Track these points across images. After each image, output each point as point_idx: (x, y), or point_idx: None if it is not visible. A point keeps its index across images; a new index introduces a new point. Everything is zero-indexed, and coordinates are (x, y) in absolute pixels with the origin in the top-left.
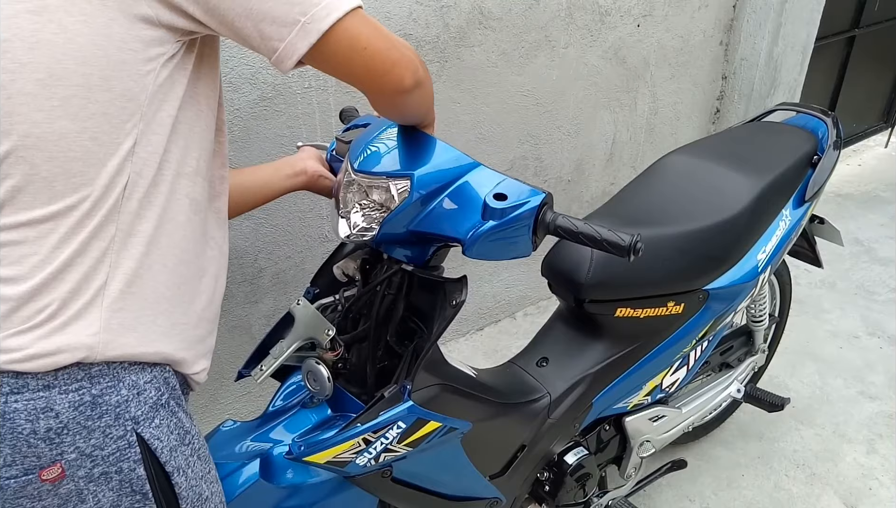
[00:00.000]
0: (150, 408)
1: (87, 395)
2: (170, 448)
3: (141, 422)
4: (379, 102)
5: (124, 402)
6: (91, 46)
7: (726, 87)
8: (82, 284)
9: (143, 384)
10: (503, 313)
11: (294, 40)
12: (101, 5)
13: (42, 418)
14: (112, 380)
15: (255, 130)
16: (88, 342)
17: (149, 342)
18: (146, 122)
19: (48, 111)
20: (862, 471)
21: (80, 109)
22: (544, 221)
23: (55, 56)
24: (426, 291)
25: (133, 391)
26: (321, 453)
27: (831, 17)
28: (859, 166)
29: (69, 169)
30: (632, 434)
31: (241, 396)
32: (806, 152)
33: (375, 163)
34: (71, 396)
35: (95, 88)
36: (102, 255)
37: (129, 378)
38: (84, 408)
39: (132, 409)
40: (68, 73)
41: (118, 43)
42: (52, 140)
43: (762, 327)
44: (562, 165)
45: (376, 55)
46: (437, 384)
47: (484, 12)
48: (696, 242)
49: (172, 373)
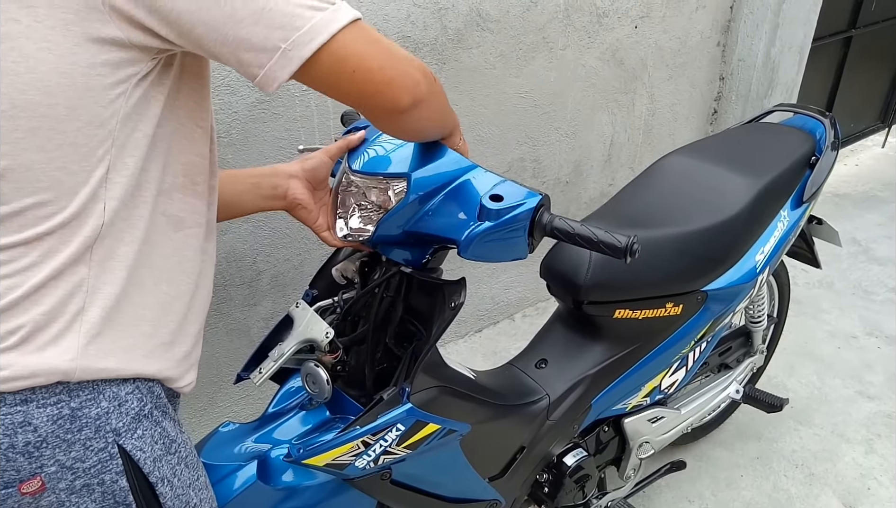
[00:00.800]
0: (133, 419)
1: (65, 408)
2: (153, 459)
3: (122, 434)
4: (378, 123)
5: (105, 414)
6: (55, 75)
7: (724, 87)
8: (58, 308)
9: (125, 395)
10: (502, 315)
11: (274, 68)
12: (65, 30)
13: (20, 432)
14: (92, 392)
15: (253, 132)
16: (64, 367)
17: (129, 364)
18: (119, 146)
19: (13, 144)
20: (860, 471)
21: (46, 141)
22: (541, 222)
23: (17, 87)
24: (425, 293)
25: (114, 402)
26: (320, 455)
27: (828, 18)
28: (857, 166)
29: (39, 200)
30: (631, 436)
31: (239, 399)
32: (804, 153)
33: (373, 164)
34: (49, 410)
35: (62, 119)
36: (80, 281)
37: (110, 390)
38: (63, 421)
39: (113, 421)
40: (32, 104)
41: (84, 69)
42: (20, 172)
43: (761, 327)
44: (560, 167)
45: (367, 76)
46: (436, 386)
47: (482, 14)
48: (695, 243)
49: (157, 382)
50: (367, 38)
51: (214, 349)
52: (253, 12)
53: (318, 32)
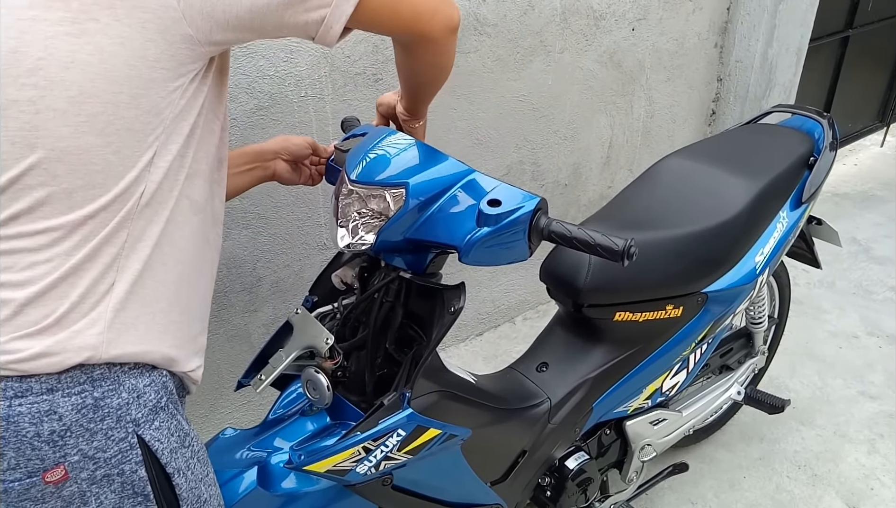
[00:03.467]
0: (150, 411)
1: (89, 398)
2: (170, 450)
3: (142, 424)
4: (429, 49)
5: (125, 405)
6: (124, 67)
7: (722, 89)
8: (91, 288)
9: (143, 387)
10: (502, 318)
11: (339, 3)
12: (141, 28)
13: (46, 420)
14: (113, 383)
15: (251, 139)
16: (93, 341)
17: (147, 340)
18: (167, 133)
19: (75, 126)
20: (863, 471)
21: (106, 126)
22: (538, 226)
23: (88, 76)
24: (424, 298)
25: (133, 394)
26: (321, 462)
27: (825, 18)
28: (856, 166)
29: (90, 181)
30: (633, 438)
31: (241, 405)
32: (802, 154)
33: (371, 172)
34: (74, 399)
35: (123, 106)
36: (113, 260)
37: (129, 382)
38: (87, 411)
39: (133, 412)
40: (99, 91)
41: (151, 63)
42: (77, 154)
43: (761, 328)
44: (559, 170)
45: (412, 9)
46: (437, 391)
47: (479, 18)
48: (694, 245)
49: (170, 377)
50: None
51: (215, 355)
52: None
53: None
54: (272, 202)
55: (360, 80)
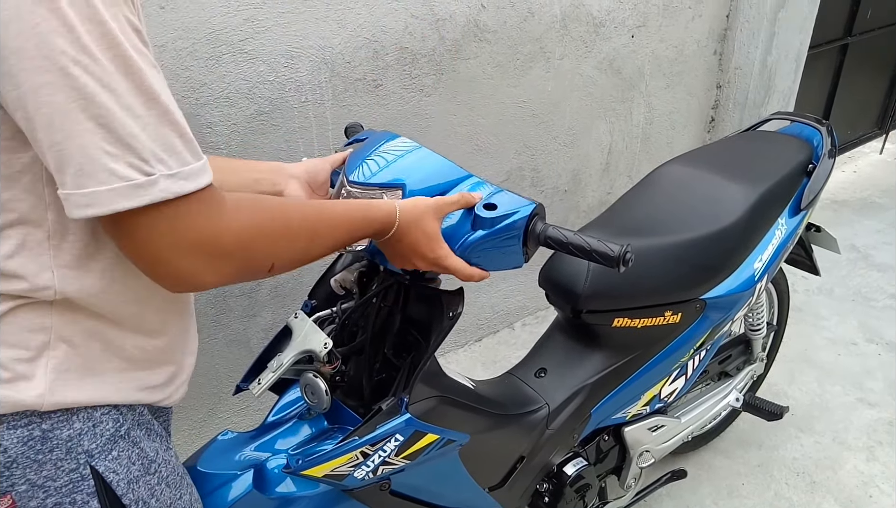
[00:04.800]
0: (108, 440)
1: (36, 430)
2: (128, 481)
3: (95, 455)
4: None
5: (77, 436)
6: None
7: (721, 96)
8: (24, 344)
9: (100, 416)
10: (501, 324)
11: (68, 200)
12: None
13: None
14: (64, 415)
15: (252, 144)
16: (31, 401)
17: (101, 395)
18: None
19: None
20: (862, 479)
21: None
22: (534, 232)
23: None
24: (423, 303)
25: (88, 423)
26: (319, 466)
27: (824, 26)
28: (855, 173)
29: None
30: (631, 445)
31: (239, 410)
32: (801, 161)
33: (369, 175)
34: (20, 431)
35: None
36: (42, 317)
37: (84, 412)
38: (34, 443)
39: (86, 442)
40: None
41: None
42: None
43: (760, 335)
44: (558, 176)
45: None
46: (435, 396)
47: (479, 25)
48: (693, 251)
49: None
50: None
51: (214, 359)
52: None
53: (105, 203)
54: None
55: (359, 85)
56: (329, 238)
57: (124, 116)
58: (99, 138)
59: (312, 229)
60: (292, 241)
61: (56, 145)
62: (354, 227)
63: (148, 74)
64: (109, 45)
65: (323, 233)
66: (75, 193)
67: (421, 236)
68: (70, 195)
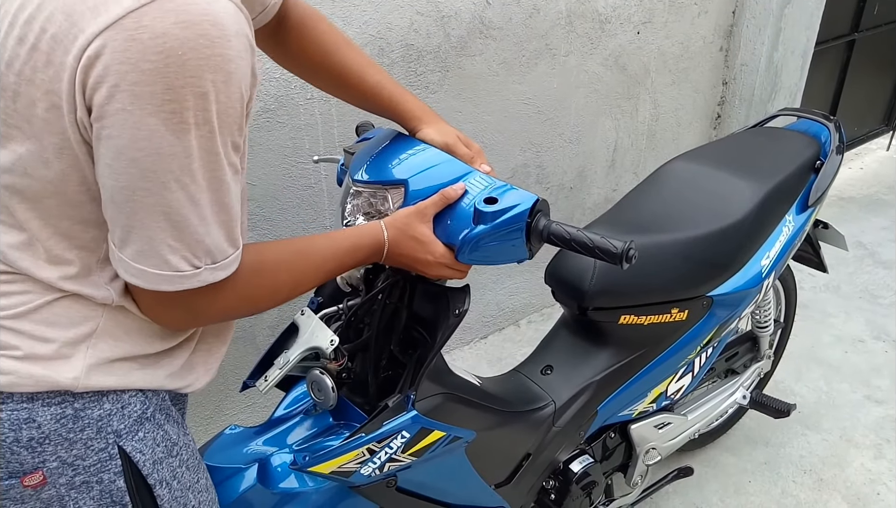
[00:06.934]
0: (135, 422)
1: (69, 408)
2: (153, 461)
3: (123, 435)
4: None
5: (107, 416)
6: None
7: (727, 92)
8: (69, 329)
9: (128, 398)
10: (507, 321)
11: (120, 264)
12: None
13: (24, 428)
14: (95, 395)
15: (258, 141)
16: (67, 383)
17: (131, 380)
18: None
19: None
20: (869, 476)
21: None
22: (537, 228)
23: None
24: (429, 300)
25: (117, 404)
26: (326, 463)
27: (830, 22)
28: (861, 170)
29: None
30: (637, 442)
31: (246, 406)
32: (808, 158)
33: (373, 173)
34: (53, 409)
35: None
36: (93, 310)
37: (114, 393)
38: (66, 420)
39: (114, 423)
40: None
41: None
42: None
43: (767, 332)
44: (564, 173)
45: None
46: (441, 393)
47: (485, 22)
48: (700, 248)
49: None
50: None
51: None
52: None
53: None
54: (278, 205)
55: None
56: (322, 272)
57: (197, 223)
58: (167, 235)
59: (302, 272)
60: (293, 288)
61: (127, 227)
62: (341, 260)
63: (231, 189)
64: (212, 168)
65: (310, 274)
66: (128, 262)
67: (414, 243)
68: (123, 261)
